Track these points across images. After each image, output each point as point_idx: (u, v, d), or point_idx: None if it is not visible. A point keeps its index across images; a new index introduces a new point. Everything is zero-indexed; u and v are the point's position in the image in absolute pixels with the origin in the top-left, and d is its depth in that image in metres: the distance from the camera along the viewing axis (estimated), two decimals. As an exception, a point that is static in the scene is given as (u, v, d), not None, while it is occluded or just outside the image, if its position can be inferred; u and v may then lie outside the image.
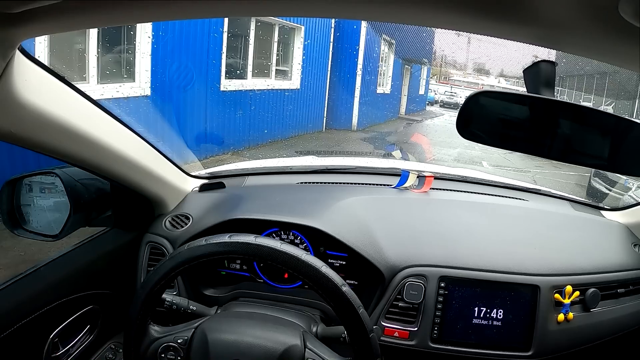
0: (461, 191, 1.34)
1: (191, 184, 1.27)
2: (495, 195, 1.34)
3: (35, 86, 0.69)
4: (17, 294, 0.92)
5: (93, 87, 4.10)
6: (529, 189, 1.41)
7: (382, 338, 1.02)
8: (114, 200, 1.12)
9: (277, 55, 6.83)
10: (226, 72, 5.73)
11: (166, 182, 1.14)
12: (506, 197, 1.34)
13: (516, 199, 1.33)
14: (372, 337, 0.75)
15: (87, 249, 1.11)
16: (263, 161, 1.65)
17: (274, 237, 1.13)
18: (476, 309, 1.02)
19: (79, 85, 0.80)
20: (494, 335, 1.02)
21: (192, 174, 1.30)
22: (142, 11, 0.56)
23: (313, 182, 1.36)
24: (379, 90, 9.85)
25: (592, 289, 1.06)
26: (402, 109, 11.44)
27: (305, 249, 1.13)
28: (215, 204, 1.19)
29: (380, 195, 1.27)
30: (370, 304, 1.04)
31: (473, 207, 1.24)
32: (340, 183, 1.36)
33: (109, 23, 0.62)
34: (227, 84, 5.79)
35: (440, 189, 1.32)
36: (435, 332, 1.02)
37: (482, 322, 1.02)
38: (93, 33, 4.03)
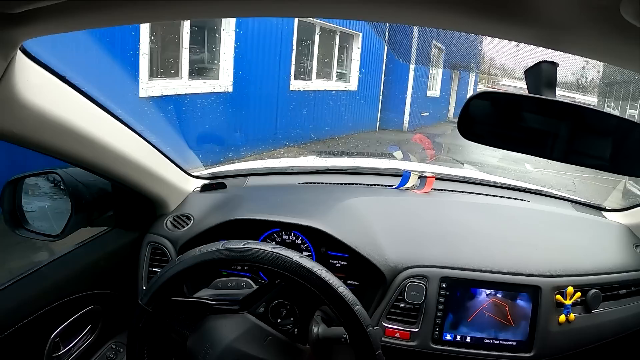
0: (462, 192, 1.33)
1: (192, 184, 1.27)
2: (497, 196, 1.34)
3: (36, 86, 0.69)
4: (18, 294, 0.92)
5: (185, 82, 4.57)
6: (530, 189, 1.41)
7: (383, 339, 1.01)
8: (115, 201, 1.12)
9: (338, 59, 7.42)
10: (294, 74, 6.34)
11: (167, 183, 1.14)
12: (507, 197, 1.33)
13: (517, 199, 1.33)
14: (369, 331, 0.75)
15: (88, 249, 1.11)
16: (264, 161, 1.65)
17: (274, 238, 1.13)
18: (477, 309, 1.02)
19: (173, 81, 0.81)
20: (495, 336, 1.02)
21: (194, 174, 1.30)
22: (145, 11, 0.56)
23: (314, 183, 1.36)
24: (429, 93, 10.17)
25: (594, 290, 1.06)
26: (451, 112, 11.58)
27: (306, 249, 1.13)
28: (217, 204, 1.20)
29: (381, 196, 1.26)
30: (371, 305, 1.04)
31: (474, 208, 1.24)
32: (341, 183, 1.36)
33: (111, 23, 0.62)
34: (296, 85, 6.40)
35: (441, 190, 1.32)
36: (437, 332, 1.01)
37: (484, 323, 1.02)
38: (185, 35, 4.50)
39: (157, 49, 4.29)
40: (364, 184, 1.35)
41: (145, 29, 4.04)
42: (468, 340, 1.02)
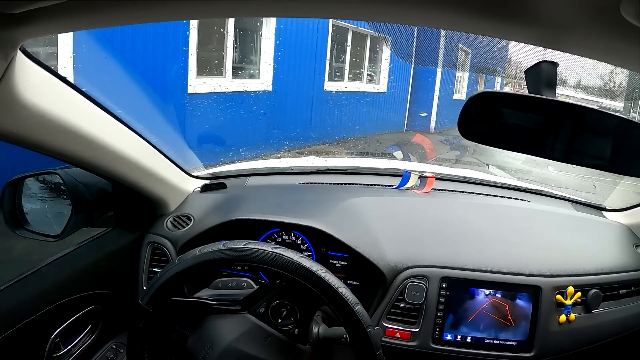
0: (463, 192, 1.33)
1: (193, 185, 1.27)
2: (497, 196, 1.34)
3: (36, 87, 0.69)
4: (19, 294, 0.93)
5: (228, 81, 4.93)
6: (530, 189, 1.41)
7: (383, 339, 1.01)
8: (115, 201, 1.12)
9: (368, 62, 7.75)
10: (329, 75, 6.70)
11: (168, 183, 1.15)
12: (507, 197, 1.33)
13: (517, 199, 1.33)
14: (370, 331, 0.75)
15: (88, 249, 1.11)
16: (264, 162, 1.65)
17: (275, 238, 1.13)
18: (478, 309, 1.02)
19: (216, 79, 0.82)
20: (496, 337, 1.02)
21: (194, 174, 1.30)
22: (145, 11, 0.56)
23: (315, 183, 1.36)
24: (456, 96, 10.41)
25: (594, 290, 1.06)
26: (476, 116, 11.90)
27: (306, 249, 1.13)
28: (217, 205, 1.20)
29: (381, 196, 1.26)
30: (371, 305, 1.04)
31: (474, 208, 1.24)
32: (341, 184, 1.36)
33: (111, 23, 0.62)
34: (330, 86, 6.74)
35: (441, 190, 1.32)
36: (437, 332, 1.01)
37: (484, 323, 1.02)
38: (230, 37, 4.78)
39: (203, 50, 4.56)
40: (364, 184, 1.35)
41: (193, 30, 4.23)
42: (468, 340, 1.02)
